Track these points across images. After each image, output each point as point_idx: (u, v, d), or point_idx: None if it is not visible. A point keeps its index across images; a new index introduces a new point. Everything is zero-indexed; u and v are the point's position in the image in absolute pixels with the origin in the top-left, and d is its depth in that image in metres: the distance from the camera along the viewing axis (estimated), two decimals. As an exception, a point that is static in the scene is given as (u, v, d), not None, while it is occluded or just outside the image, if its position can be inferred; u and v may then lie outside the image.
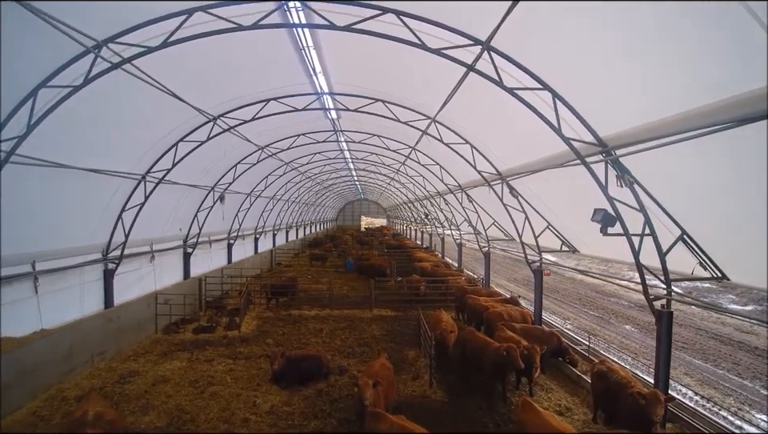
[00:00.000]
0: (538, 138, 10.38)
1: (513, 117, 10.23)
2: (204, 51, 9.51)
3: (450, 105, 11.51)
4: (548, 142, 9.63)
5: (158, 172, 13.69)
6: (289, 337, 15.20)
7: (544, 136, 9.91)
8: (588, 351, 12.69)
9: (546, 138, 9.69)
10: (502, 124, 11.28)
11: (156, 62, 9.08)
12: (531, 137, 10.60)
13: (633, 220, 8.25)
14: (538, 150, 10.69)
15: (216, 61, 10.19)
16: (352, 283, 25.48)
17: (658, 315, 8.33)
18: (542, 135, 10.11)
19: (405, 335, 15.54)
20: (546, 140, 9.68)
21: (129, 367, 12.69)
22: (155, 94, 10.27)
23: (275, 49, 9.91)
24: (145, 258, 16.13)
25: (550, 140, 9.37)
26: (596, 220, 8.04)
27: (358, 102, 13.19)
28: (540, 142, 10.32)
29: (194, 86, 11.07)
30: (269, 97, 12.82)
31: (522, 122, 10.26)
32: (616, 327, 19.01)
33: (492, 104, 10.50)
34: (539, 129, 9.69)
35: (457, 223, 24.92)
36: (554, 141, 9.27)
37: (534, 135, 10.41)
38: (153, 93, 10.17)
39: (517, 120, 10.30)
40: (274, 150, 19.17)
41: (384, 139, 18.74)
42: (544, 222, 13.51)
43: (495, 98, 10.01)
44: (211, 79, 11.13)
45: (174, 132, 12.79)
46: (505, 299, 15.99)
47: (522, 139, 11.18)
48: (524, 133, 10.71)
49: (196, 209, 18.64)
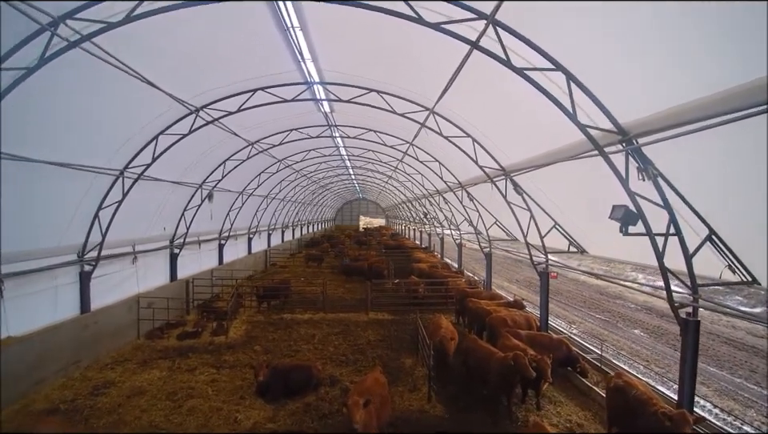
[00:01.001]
0: (545, 129, 9.53)
1: (518, 104, 9.37)
2: (179, 35, 8.64)
3: (450, 94, 10.62)
4: (558, 132, 8.78)
5: (138, 167, 12.78)
6: (278, 344, 14.29)
7: (553, 127, 9.05)
8: (600, 360, 11.77)
9: (556, 128, 8.82)
10: (507, 114, 10.39)
11: (125, 45, 8.25)
12: (538, 128, 9.74)
13: (654, 218, 7.37)
14: (546, 143, 9.82)
15: (193, 44, 9.28)
16: (348, 285, 24.57)
17: (683, 324, 7.44)
18: (550, 126, 9.25)
19: (402, 340, 14.65)
20: (556, 131, 8.82)
21: (104, 377, 11.81)
22: (127, 81, 9.36)
23: (258, 29, 9.00)
24: (126, 259, 15.20)
25: (561, 130, 8.51)
26: (615, 218, 7.15)
27: (350, 92, 12.28)
28: (548, 133, 9.45)
29: (171, 74, 10.16)
30: (255, 87, 11.92)
31: (529, 112, 9.41)
32: (624, 331, 18.12)
33: (496, 93, 9.63)
34: (548, 118, 8.82)
35: (456, 223, 24.04)
36: (564, 131, 8.40)
37: (541, 126, 9.56)
38: (125, 80, 9.27)
39: (523, 108, 9.43)
40: (265, 145, 18.26)
41: (380, 135, 17.85)
42: (550, 221, 12.64)
43: (499, 85, 9.17)
44: (189, 66, 10.21)
45: (153, 124, 11.87)
46: (508, 302, 15.10)
47: (529, 131, 10.29)
48: (531, 124, 9.83)
49: (183, 208, 17.72)
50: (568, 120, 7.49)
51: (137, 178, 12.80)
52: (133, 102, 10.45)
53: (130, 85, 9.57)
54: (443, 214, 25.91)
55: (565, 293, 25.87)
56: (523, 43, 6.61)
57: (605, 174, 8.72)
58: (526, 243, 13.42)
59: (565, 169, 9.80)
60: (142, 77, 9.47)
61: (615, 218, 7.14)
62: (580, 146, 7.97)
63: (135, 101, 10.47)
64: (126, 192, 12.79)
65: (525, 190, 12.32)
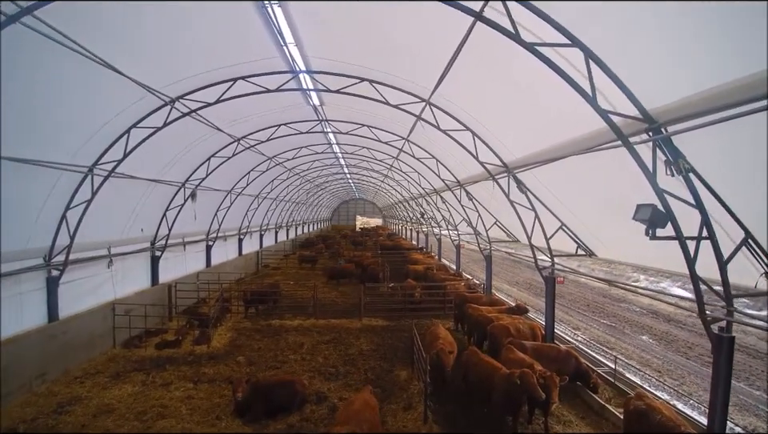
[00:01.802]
0: (555, 119, 8.58)
1: (524, 91, 8.41)
2: (145, 14, 7.63)
3: (447, 81, 9.64)
4: (571, 122, 7.82)
5: (109, 164, 11.74)
6: (264, 354, 13.27)
7: (564, 116, 8.11)
8: (614, 375, 10.75)
9: (568, 117, 7.89)
10: (511, 104, 9.41)
11: (80, 24, 7.24)
12: (546, 118, 8.78)
13: (683, 219, 6.41)
14: (554, 135, 8.84)
15: (162, 26, 8.26)
16: (342, 288, 23.56)
17: (716, 341, 6.48)
18: (560, 116, 8.30)
19: (397, 350, 13.67)
20: (568, 120, 7.88)
21: (71, 393, 10.81)
22: (86, 66, 8.34)
23: (233, 8, 8.00)
24: (101, 263, 14.14)
25: (574, 119, 7.56)
26: (640, 219, 6.17)
27: (339, 82, 11.27)
28: (558, 123, 8.49)
29: (138, 59, 9.11)
30: (234, 75, 10.89)
31: (536, 101, 8.45)
32: (632, 338, 17.19)
33: (499, 78, 8.66)
34: (558, 105, 7.89)
35: (455, 223, 23.06)
36: (579, 120, 7.45)
37: (549, 116, 8.60)
38: (83, 64, 8.25)
39: (529, 96, 8.47)
40: (253, 141, 17.23)
41: (374, 130, 16.85)
42: (555, 221, 11.69)
43: (503, 70, 8.21)
44: (158, 51, 9.18)
45: (123, 116, 10.82)
46: (510, 308, 14.13)
47: (535, 122, 9.31)
48: (538, 114, 8.86)
49: (164, 208, 16.67)
50: (581, 108, 6.53)
51: (107, 176, 11.75)
52: (94, 90, 9.39)
53: (89, 71, 8.55)
54: (441, 214, 24.94)
55: (567, 296, 24.94)
56: (534, 15, 5.63)
57: (619, 169, 7.81)
58: (530, 246, 12.44)
59: (573, 164, 8.85)
60: (102, 60, 8.43)
61: (641, 219, 6.17)
62: (598, 137, 6.98)
63: (96, 89, 9.41)
64: (96, 191, 11.74)
65: (529, 189, 11.36)
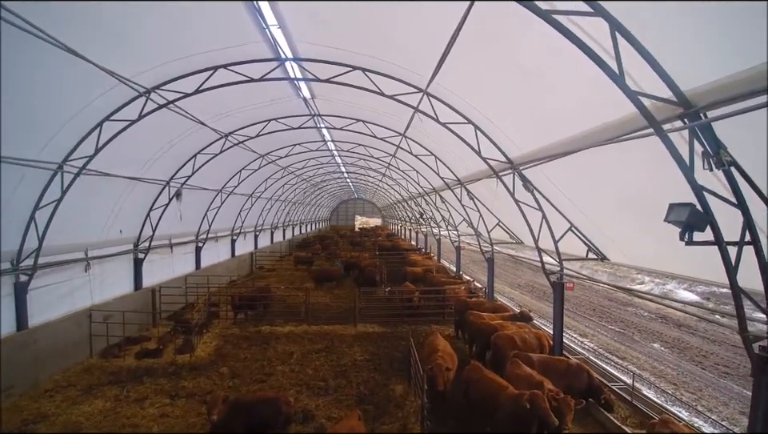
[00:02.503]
0: (567, 110, 7.67)
1: (531, 76, 7.50)
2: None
3: (447, 68, 8.75)
4: (587, 110, 6.93)
5: (80, 159, 10.84)
6: (250, 364, 12.36)
7: (578, 105, 7.21)
8: (631, 392, 9.77)
9: (584, 105, 6.99)
10: (517, 92, 8.51)
11: (36, 6, 6.36)
12: (558, 106, 7.88)
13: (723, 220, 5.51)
14: (567, 127, 7.95)
15: (125, 5, 7.36)
16: (337, 291, 22.65)
17: (759, 362, 5.56)
18: (572, 109, 7.41)
19: (393, 359, 12.76)
20: (586, 108, 6.98)
21: (39, 408, 9.95)
22: (47, 51, 7.45)
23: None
24: (77, 266, 13.24)
25: (591, 108, 6.68)
26: (674, 221, 5.25)
27: (330, 70, 10.36)
28: (570, 113, 7.59)
29: (105, 44, 8.22)
30: (215, 63, 9.99)
31: (547, 85, 7.54)
32: (642, 345, 16.27)
33: (504, 60, 7.75)
34: (572, 93, 7.00)
35: (455, 223, 22.15)
36: (597, 109, 6.57)
37: (561, 104, 7.69)
38: (45, 50, 7.37)
39: (538, 81, 7.56)
40: (241, 137, 16.32)
41: (370, 125, 15.94)
42: (564, 222, 10.80)
43: (509, 52, 7.31)
44: (128, 34, 8.27)
45: (94, 108, 9.93)
46: (513, 315, 13.22)
47: (545, 113, 8.42)
48: (549, 102, 7.96)
49: (148, 207, 15.77)
50: (601, 94, 5.67)
51: (77, 173, 10.85)
52: (57, 79, 8.49)
53: (51, 57, 7.67)
54: (440, 215, 24.02)
55: (572, 299, 24.01)
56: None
57: (640, 164, 6.94)
58: (537, 249, 11.54)
59: (586, 159, 7.96)
60: (63, 45, 7.54)
61: (675, 220, 5.24)
62: (622, 126, 6.06)
63: (60, 78, 8.51)
64: (66, 189, 10.85)
65: (536, 187, 10.46)
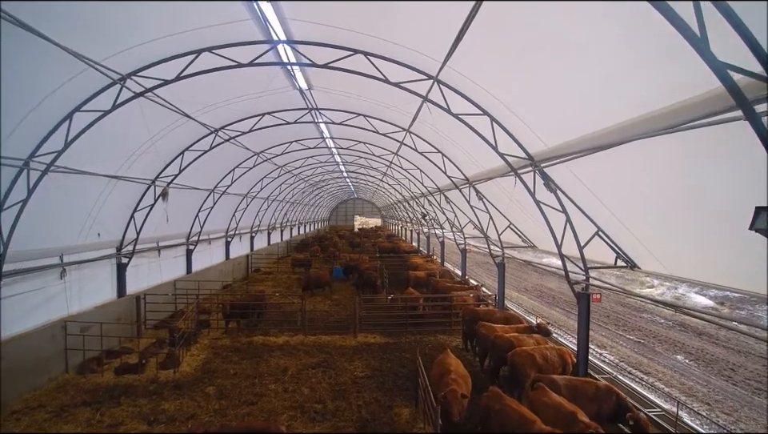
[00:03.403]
0: (603, 100, 6.54)
1: (563, 53, 6.35)
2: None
3: (462, 51, 7.61)
4: (635, 96, 5.78)
5: (49, 155, 9.67)
6: (239, 383, 11.18)
7: (622, 91, 6.07)
8: (675, 423, 8.44)
9: (633, 90, 5.85)
10: (545, 76, 7.35)
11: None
12: (594, 94, 6.74)
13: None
14: (602, 117, 6.82)
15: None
16: (336, 297, 21.51)
17: None
18: (610, 97, 6.27)
19: (397, 376, 11.62)
20: (635, 93, 5.84)
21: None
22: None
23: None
24: (51, 273, 12.02)
25: (641, 93, 5.53)
26: (761, 229, 4.12)
27: (327, 55, 9.19)
28: (607, 102, 6.45)
29: (74, 25, 7.08)
30: (199, 46, 8.84)
31: (577, 73, 6.39)
32: (665, 357, 15.12)
33: (528, 42, 6.61)
34: (615, 75, 5.86)
35: (460, 225, 20.99)
36: (644, 89, 5.43)
37: (598, 93, 6.55)
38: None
39: (571, 62, 6.41)
40: (233, 132, 15.15)
41: (372, 120, 14.78)
42: (588, 226, 9.66)
43: (534, 28, 6.16)
44: (98, 13, 7.11)
45: (63, 98, 8.76)
46: (529, 327, 12.06)
47: (576, 102, 7.27)
48: (585, 87, 6.81)
49: (131, 208, 14.59)
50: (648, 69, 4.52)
51: (45, 170, 9.66)
52: (12, 60, 7.32)
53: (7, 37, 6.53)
54: (444, 216, 22.83)
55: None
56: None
57: (693, 158, 5.81)
58: (560, 255, 10.37)
59: (624, 154, 6.85)
60: (12, 17, 6.38)
61: (761, 229, 4.11)
62: (689, 110, 4.90)
63: (16, 59, 7.34)
64: (32, 188, 9.66)
65: (559, 186, 9.33)
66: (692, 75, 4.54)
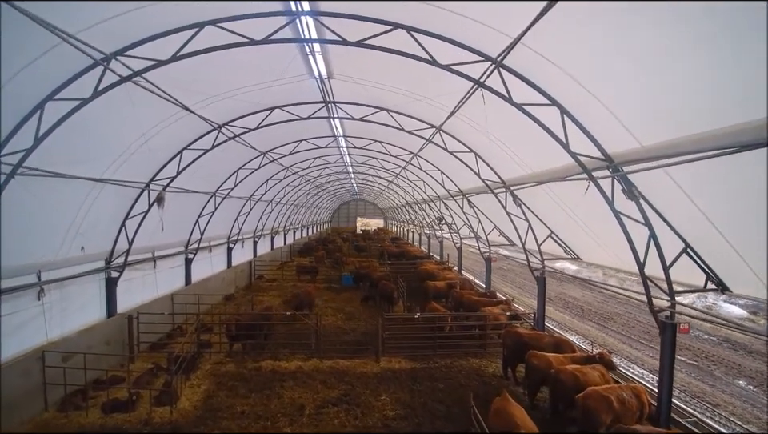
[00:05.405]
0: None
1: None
2: None
3: (539, 29, 5.85)
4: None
5: (15, 154, 7.87)
6: (248, 426, 9.37)
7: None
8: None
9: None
10: (642, 66, 5.60)
11: None
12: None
13: None
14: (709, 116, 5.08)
15: None
16: (349, 309, 19.73)
17: None
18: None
19: (434, 416, 9.85)
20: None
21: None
22: None
23: None
24: (26, 295, 10.21)
25: None
26: None
27: (360, 30, 7.39)
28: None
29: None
30: (199, 19, 7.07)
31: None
32: (726, 383, 13.36)
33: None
34: None
35: (485, 232, 19.20)
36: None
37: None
38: None
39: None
40: (238, 129, 13.37)
41: (396, 115, 13.01)
42: (675, 241, 7.97)
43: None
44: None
45: (31, 83, 6.99)
46: (589, 357, 10.27)
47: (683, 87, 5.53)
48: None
49: (122, 216, 12.79)
50: None
51: (11, 173, 7.85)
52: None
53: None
54: (465, 221, 21.00)
55: (617, 319, 21.13)
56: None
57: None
58: (642, 276, 8.64)
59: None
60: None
61: None
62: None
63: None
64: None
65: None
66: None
